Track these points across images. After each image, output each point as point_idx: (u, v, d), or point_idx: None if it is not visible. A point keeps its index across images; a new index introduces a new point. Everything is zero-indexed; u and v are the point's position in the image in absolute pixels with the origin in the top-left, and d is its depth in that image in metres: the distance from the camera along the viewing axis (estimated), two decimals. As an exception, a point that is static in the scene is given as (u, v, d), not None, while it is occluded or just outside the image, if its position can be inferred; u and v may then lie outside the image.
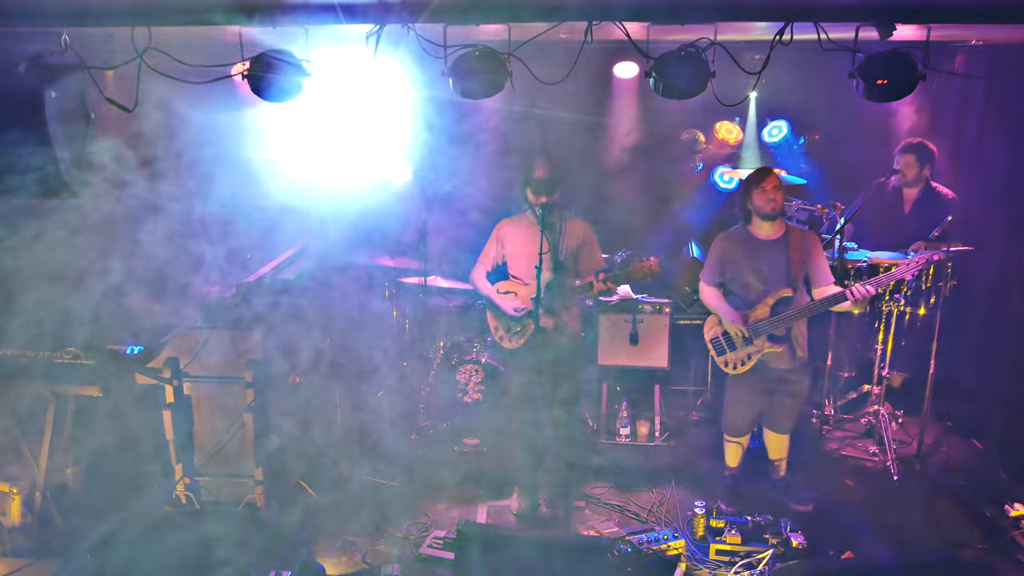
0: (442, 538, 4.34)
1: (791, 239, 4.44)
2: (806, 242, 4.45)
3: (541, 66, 3.58)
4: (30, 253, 4.17)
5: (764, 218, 4.42)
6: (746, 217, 4.53)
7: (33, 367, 4.03)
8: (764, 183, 4.38)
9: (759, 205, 4.40)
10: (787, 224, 4.53)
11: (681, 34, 3.70)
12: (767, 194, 4.36)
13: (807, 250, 4.43)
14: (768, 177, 4.40)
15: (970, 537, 4.42)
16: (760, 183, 4.39)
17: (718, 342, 4.62)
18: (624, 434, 5.61)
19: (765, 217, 4.42)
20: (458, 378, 5.46)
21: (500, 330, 4.63)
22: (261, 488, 4.30)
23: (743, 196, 4.51)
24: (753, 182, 4.44)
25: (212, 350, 4.19)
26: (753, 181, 4.44)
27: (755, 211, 4.44)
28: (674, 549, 4.17)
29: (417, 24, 3.38)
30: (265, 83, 3.55)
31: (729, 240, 4.60)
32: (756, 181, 4.43)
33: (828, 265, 4.49)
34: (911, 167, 5.37)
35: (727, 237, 4.63)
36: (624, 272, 4.28)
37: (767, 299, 4.43)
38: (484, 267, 4.64)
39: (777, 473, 4.88)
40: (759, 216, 4.44)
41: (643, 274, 4.25)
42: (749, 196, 4.45)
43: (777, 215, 4.41)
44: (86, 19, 3.43)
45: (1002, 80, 5.08)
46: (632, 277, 4.26)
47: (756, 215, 4.45)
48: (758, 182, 4.41)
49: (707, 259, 4.68)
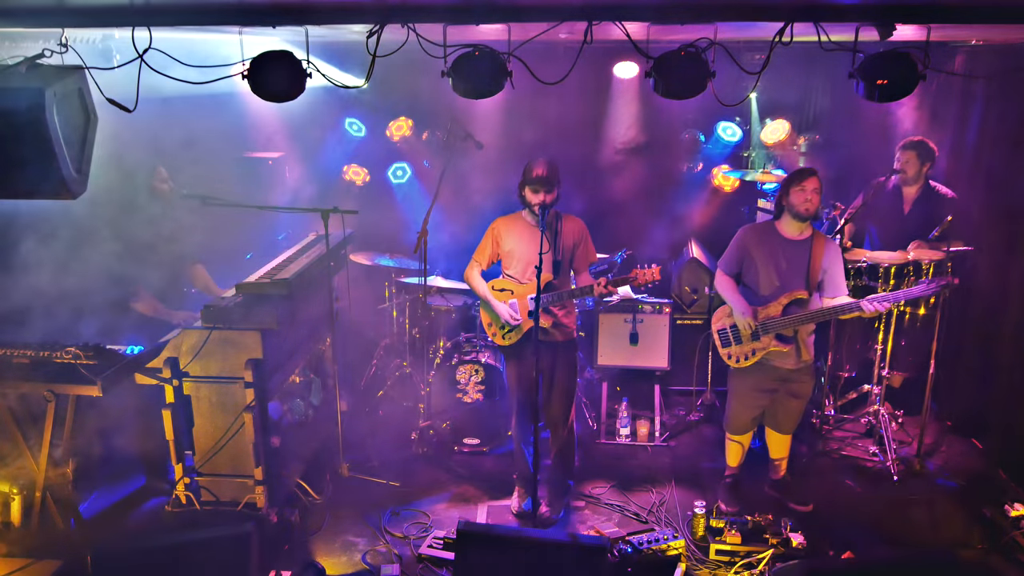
0: (442, 538, 4.35)
1: (815, 244, 4.43)
2: (829, 250, 4.44)
3: (541, 66, 3.58)
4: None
5: (796, 217, 4.39)
6: (778, 213, 4.50)
7: (33, 367, 4.03)
8: (805, 182, 4.33)
9: (795, 203, 4.36)
10: (815, 229, 4.51)
11: (681, 34, 3.70)
12: (805, 193, 4.32)
13: (829, 258, 4.43)
14: (810, 177, 4.34)
15: (970, 537, 4.42)
16: (801, 182, 4.34)
17: (725, 334, 4.62)
18: (624, 434, 5.61)
19: (798, 217, 4.38)
20: (458, 378, 5.46)
21: (493, 327, 4.63)
22: (261, 488, 4.30)
23: (780, 192, 4.47)
24: (794, 180, 4.39)
25: (212, 350, 4.18)
26: (794, 179, 4.39)
27: (789, 209, 4.41)
28: (674, 549, 4.18)
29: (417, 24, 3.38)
30: (265, 83, 3.54)
31: (755, 232, 4.59)
32: (797, 179, 4.37)
33: (844, 278, 4.49)
34: (911, 164, 5.37)
35: (753, 229, 4.62)
36: (626, 278, 4.31)
37: (781, 298, 4.42)
38: (479, 265, 4.64)
39: (777, 473, 4.88)
40: (792, 215, 4.40)
41: (645, 281, 4.28)
42: (787, 193, 4.40)
43: (810, 217, 4.38)
44: (86, 19, 3.43)
45: (1002, 80, 5.07)
46: (634, 283, 4.29)
47: (789, 213, 4.42)
48: (799, 180, 4.36)
49: (728, 248, 4.65)
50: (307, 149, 6.78)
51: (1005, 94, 5.15)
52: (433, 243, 5.58)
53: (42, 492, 4.16)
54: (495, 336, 4.63)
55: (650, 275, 4.27)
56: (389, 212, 6.83)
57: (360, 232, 5.90)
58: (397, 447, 5.42)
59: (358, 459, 5.17)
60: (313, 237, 5.38)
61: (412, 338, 6.12)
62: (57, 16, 3.34)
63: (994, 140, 5.32)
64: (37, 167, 3.18)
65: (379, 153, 6.92)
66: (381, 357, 6.39)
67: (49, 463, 4.13)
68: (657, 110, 6.50)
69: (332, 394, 5.03)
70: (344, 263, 5.36)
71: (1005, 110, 5.18)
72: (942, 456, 5.38)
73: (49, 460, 4.12)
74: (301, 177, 6.61)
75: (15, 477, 4.20)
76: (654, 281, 4.29)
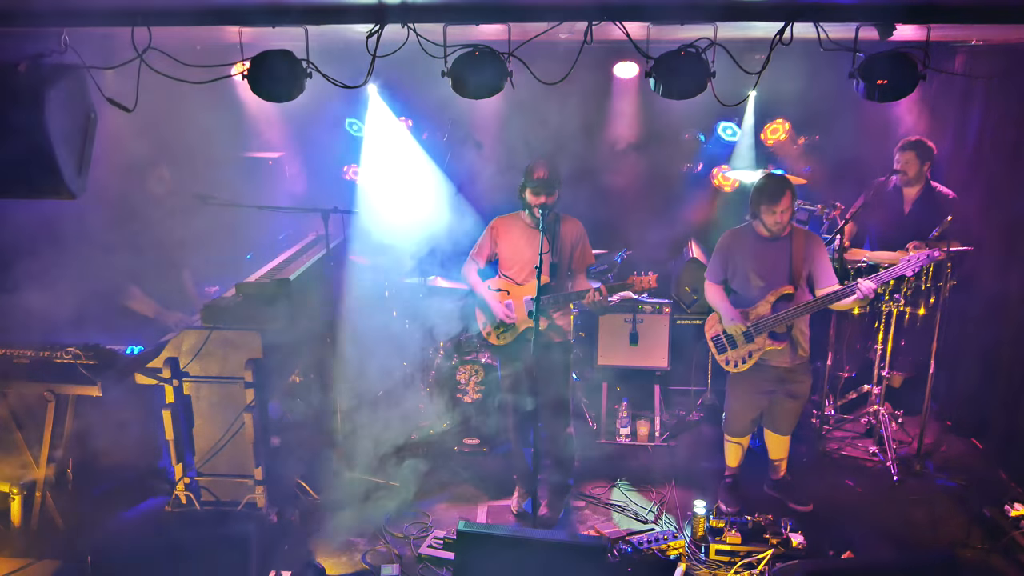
0: (442, 538, 4.35)
1: (795, 239, 4.43)
2: (809, 243, 4.44)
3: (541, 66, 3.58)
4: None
5: (767, 231, 4.41)
6: (753, 214, 4.50)
7: (33, 367, 4.03)
8: (776, 205, 4.27)
9: (766, 222, 4.35)
10: (793, 225, 4.51)
11: (681, 34, 3.70)
12: (775, 216, 4.31)
13: (810, 251, 4.42)
14: (781, 199, 4.26)
15: (970, 537, 4.42)
16: (772, 204, 4.28)
17: (719, 340, 4.62)
18: (624, 434, 5.61)
19: (769, 232, 4.39)
20: (458, 378, 5.45)
21: (488, 326, 4.63)
22: (261, 488, 4.30)
23: (751, 201, 4.43)
24: (766, 197, 4.30)
25: (212, 350, 4.18)
26: (766, 196, 4.31)
27: (760, 222, 4.41)
28: (674, 549, 4.18)
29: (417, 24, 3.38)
30: (265, 83, 3.55)
31: (734, 237, 4.60)
32: (769, 198, 4.29)
33: (831, 266, 4.48)
34: (911, 164, 5.37)
35: (732, 234, 4.62)
36: (621, 285, 4.34)
37: (768, 296, 4.43)
38: (476, 263, 4.64)
39: (777, 473, 4.88)
40: (763, 227, 4.40)
41: (640, 288, 4.31)
42: (758, 207, 4.36)
43: (780, 232, 4.37)
44: (86, 19, 3.43)
45: (1002, 80, 5.07)
46: (630, 288, 4.33)
47: (761, 224, 4.43)
48: (771, 200, 4.28)
49: (712, 256, 4.67)
50: (307, 149, 6.78)
51: (1005, 94, 5.15)
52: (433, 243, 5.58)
53: (42, 492, 4.16)
54: (489, 336, 4.63)
55: (646, 283, 4.31)
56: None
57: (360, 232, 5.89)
58: (397, 447, 5.42)
59: (358, 459, 5.17)
60: (313, 237, 5.38)
61: (412, 338, 6.10)
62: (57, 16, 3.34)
63: (994, 140, 5.32)
64: (37, 167, 3.18)
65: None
66: (382, 357, 6.38)
67: (49, 463, 4.13)
68: (657, 110, 6.50)
69: (332, 394, 5.03)
70: (344, 263, 5.35)
71: (1005, 110, 5.18)
72: (942, 456, 5.38)
73: (49, 460, 4.12)
74: (301, 177, 6.61)
75: (15, 477, 4.20)
76: (651, 289, 4.34)
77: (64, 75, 3.29)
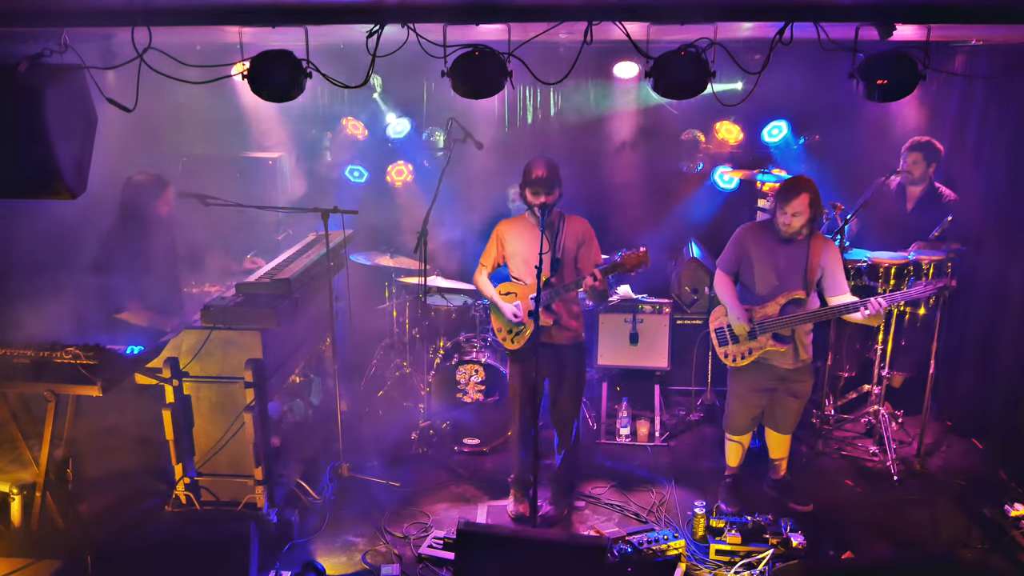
0: (442, 538, 4.34)
1: (813, 243, 4.42)
2: (827, 250, 4.43)
3: (541, 66, 3.58)
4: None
5: (780, 229, 4.41)
6: (772, 211, 4.49)
7: (33, 367, 4.02)
8: (787, 205, 4.29)
9: (777, 221, 4.38)
10: (810, 229, 4.49)
11: (681, 34, 3.70)
12: (786, 217, 4.33)
13: (827, 257, 4.41)
14: (794, 200, 4.27)
15: (970, 537, 4.42)
16: (784, 204, 4.31)
17: (722, 332, 4.61)
18: (624, 434, 5.61)
19: (780, 229, 4.40)
20: (458, 378, 5.46)
21: (503, 331, 4.63)
22: (261, 488, 4.30)
23: (773, 199, 4.46)
24: (781, 195, 4.37)
25: (212, 350, 4.18)
26: (781, 194, 4.37)
27: (775, 218, 4.41)
28: (674, 549, 4.18)
29: (417, 24, 3.38)
30: (265, 83, 3.55)
31: (753, 231, 4.58)
32: (782, 198, 4.34)
33: (845, 277, 4.48)
34: (918, 165, 5.38)
35: (751, 228, 4.61)
36: (613, 266, 4.22)
37: (779, 298, 4.42)
38: (485, 268, 4.64)
39: (777, 473, 4.88)
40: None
41: (633, 264, 4.17)
42: (775, 204, 4.40)
43: (792, 235, 4.37)
44: (86, 19, 3.44)
45: (1002, 80, 5.07)
46: (622, 268, 4.21)
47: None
48: (783, 199, 4.32)
49: (727, 246, 4.65)
50: (307, 149, 6.78)
51: (1005, 94, 5.15)
52: (433, 243, 5.58)
53: (42, 492, 4.15)
54: (505, 340, 4.62)
55: (636, 258, 4.16)
56: (389, 212, 6.82)
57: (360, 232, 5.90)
58: (397, 447, 5.42)
59: (358, 459, 5.17)
60: (313, 237, 5.38)
61: (412, 338, 6.11)
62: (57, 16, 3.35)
63: (994, 140, 5.32)
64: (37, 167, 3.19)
65: (379, 153, 6.91)
66: (381, 357, 6.39)
67: (49, 463, 4.12)
68: (657, 110, 6.50)
69: (332, 394, 5.03)
70: (344, 263, 5.35)
71: (1005, 110, 5.18)
72: (942, 456, 5.38)
73: (49, 460, 4.12)
74: (301, 177, 6.61)
75: (15, 477, 4.20)
76: (644, 264, 4.17)
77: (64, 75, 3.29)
